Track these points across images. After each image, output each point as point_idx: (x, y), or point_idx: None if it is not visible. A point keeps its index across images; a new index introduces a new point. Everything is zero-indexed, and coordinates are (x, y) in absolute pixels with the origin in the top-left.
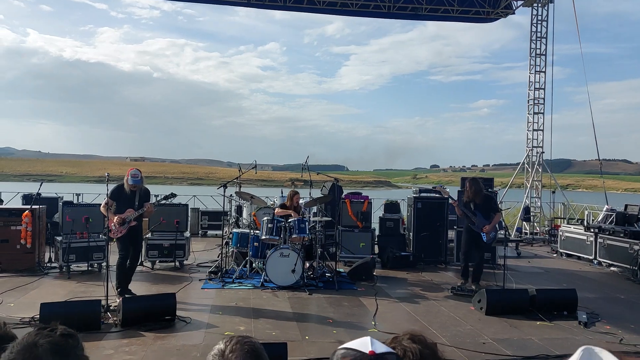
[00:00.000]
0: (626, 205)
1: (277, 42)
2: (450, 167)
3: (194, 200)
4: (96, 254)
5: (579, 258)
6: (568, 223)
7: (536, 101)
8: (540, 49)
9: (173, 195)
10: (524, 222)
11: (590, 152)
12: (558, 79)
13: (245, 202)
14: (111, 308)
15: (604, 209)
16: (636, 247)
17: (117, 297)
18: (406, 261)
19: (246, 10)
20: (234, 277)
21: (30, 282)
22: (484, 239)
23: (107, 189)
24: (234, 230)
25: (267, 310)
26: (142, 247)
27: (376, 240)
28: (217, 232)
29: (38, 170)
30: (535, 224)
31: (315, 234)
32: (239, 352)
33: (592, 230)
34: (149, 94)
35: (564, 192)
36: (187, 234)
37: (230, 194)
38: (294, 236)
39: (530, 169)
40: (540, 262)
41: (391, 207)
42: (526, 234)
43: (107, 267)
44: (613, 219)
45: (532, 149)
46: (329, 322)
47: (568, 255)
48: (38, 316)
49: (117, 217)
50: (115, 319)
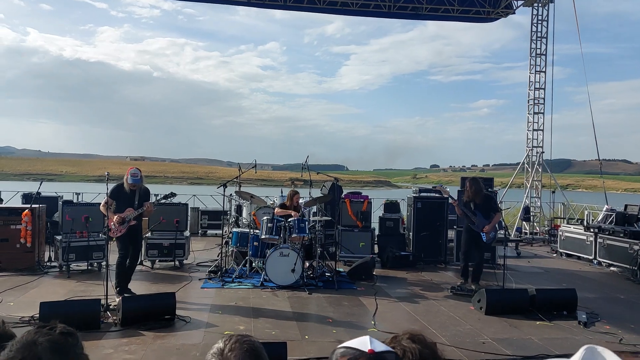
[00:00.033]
0: (626, 205)
1: (277, 42)
2: (450, 167)
3: (193, 199)
4: (96, 253)
5: (578, 258)
6: (568, 223)
7: (536, 101)
8: (540, 48)
9: (173, 195)
10: (524, 222)
11: (590, 152)
12: (558, 78)
13: (245, 201)
14: (111, 307)
15: (604, 209)
16: (636, 247)
17: (116, 296)
18: (406, 261)
19: (246, 10)
20: (233, 276)
21: (29, 281)
22: (484, 239)
23: (107, 188)
24: (234, 229)
25: (267, 309)
26: (141, 247)
27: (376, 239)
28: (217, 232)
29: (38, 169)
30: (535, 224)
31: (315, 233)
32: (238, 351)
33: (592, 230)
34: (149, 94)
35: (564, 192)
36: (187, 234)
37: (230, 194)
38: (293, 236)
39: (530, 169)
40: (540, 262)
41: (391, 206)
42: (526, 233)
43: (107, 267)
44: (613, 219)
45: (532, 149)
46: (328, 321)
47: (568, 255)
48: (38, 315)
49: (116, 216)
50: (114, 318)
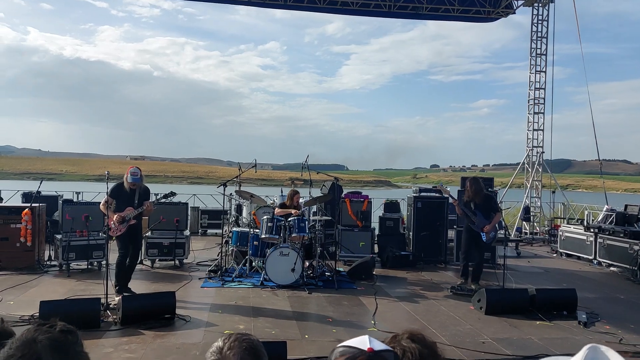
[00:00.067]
0: (626, 206)
1: (277, 41)
2: (451, 166)
3: (193, 199)
4: (96, 252)
5: (578, 258)
6: (568, 223)
7: (536, 101)
8: (540, 48)
9: (173, 194)
10: (524, 222)
11: (590, 152)
12: (558, 78)
13: (245, 201)
14: (111, 306)
15: (604, 209)
16: (636, 247)
17: (116, 295)
18: (406, 260)
19: (247, 9)
20: (233, 275)
21: (29, 280)
22: (484, 239)
23: (107, 187)
24: (234, 229)
25: (267, 309)
26: (141, 246)
27: (376, 239)
28: (217, 231)
29: (38, 168)
30: (535, 223)
31: (315, 233)
32: (237, 350)
33: (592, 230)
34: (149, 93)
35: (564, 192)
36: (187, 233)
37: (230, 193)
38: (293, 235)
39: (530, 169)
40: (540, 262)
41: (391, 206)
42: (526, 233)
43: (107, 266)
44: (613, 219)
45: (532, 149)
46: (328, 321)
47: (568, 255)
48: (38, 314)
49: (116, 216)
50: (114, 317)
